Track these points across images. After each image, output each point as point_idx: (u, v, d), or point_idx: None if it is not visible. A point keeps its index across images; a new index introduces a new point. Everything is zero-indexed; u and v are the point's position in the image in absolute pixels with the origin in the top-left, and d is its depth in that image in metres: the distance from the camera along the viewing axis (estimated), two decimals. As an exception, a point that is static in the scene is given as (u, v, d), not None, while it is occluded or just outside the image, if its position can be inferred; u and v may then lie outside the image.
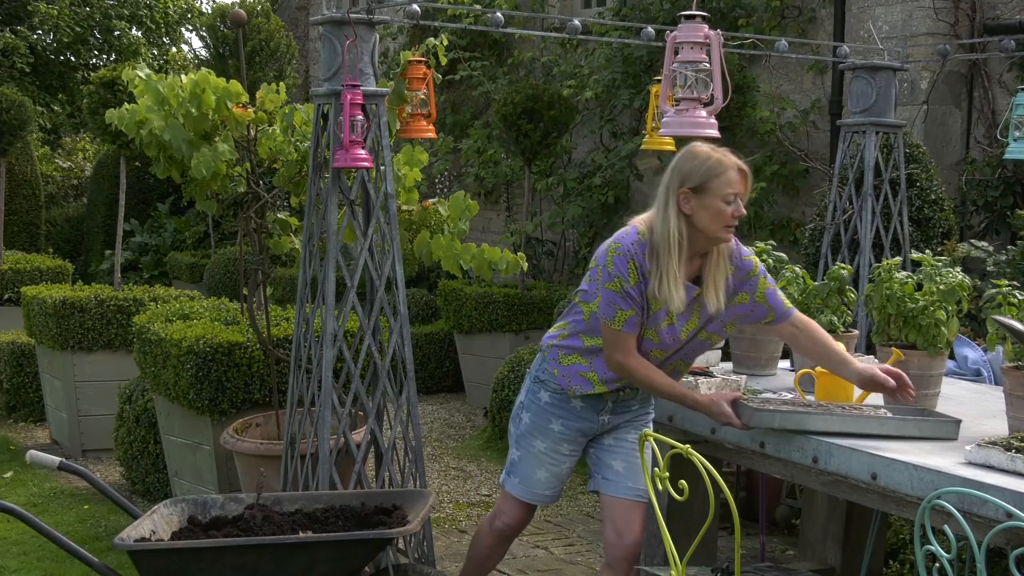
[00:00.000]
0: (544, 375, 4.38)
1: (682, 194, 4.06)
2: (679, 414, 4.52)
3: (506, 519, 4.57)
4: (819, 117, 9.14)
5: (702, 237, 4.08)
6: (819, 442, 3.90)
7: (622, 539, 4.33)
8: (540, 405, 4.40)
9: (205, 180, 5.63)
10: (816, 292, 4.86)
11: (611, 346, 4.15)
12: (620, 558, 4.34)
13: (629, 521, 4.34)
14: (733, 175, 4.04)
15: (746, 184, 4.08)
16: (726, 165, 4.05)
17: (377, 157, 4.94)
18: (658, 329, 4.15)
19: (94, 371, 8.25)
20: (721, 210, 4.03)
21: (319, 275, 4.97)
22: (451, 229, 5.86)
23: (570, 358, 4.28)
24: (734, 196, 4.04)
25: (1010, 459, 3.45)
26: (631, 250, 4.08)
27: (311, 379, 5.02)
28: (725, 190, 4.02)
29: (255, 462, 5.58)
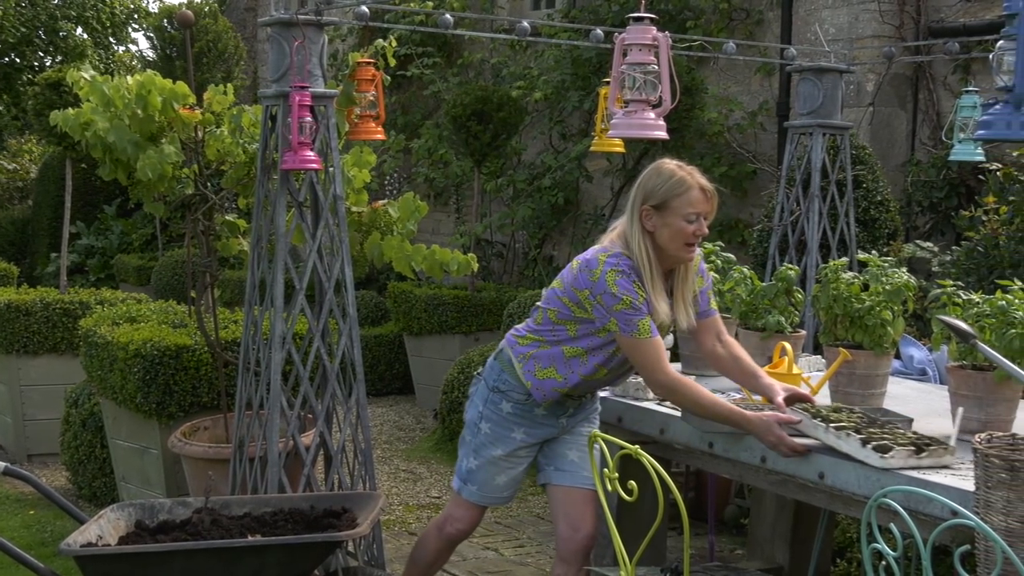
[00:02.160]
0: (504, 385, 4.33)
1: (644, 211, 4.08)
2: (628, 414, 4.54)
3: (460, 525, 4.54)
4: (767, 119, 9.20)
5: (664, 254, 4.10)
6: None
7: (577, 532, 4.33)
8: (501, 415, 4.36)
9: (152, 182, 5.59)
10: (764, 293, 4.88)
11: (649, 365, 4.05)
12: (575, 551, 4.34)
13: (583, 513, 4.34)
14: (696, 194, 4.05)
15: (710, 204, 4.09)
16: (689, 184, 4.06)
17: (326, 159, 4.93)
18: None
19: (40, 375, 8.17)
20: (682, 228, 4.04)
21: (267, 277, 4.95)
22: (400, 230, 5.85)
23: (545, 371, 4.23)
24: (695, 215, 4.05)
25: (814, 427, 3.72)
26: (627, 270, 4.04)
27: (260, 382, 5.00)
28: (686, 209, 4.03)
29: (203, 466, 5.55)
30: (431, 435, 8.94)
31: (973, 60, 7.74)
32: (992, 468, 2.99)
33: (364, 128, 5.35)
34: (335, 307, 5.00)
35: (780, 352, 4.43)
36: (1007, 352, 3.78)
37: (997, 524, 2.97)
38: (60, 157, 12.39)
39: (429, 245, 6.02)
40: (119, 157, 5.58)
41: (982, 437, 3.15)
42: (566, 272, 4.23)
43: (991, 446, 3.11)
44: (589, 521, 4.34)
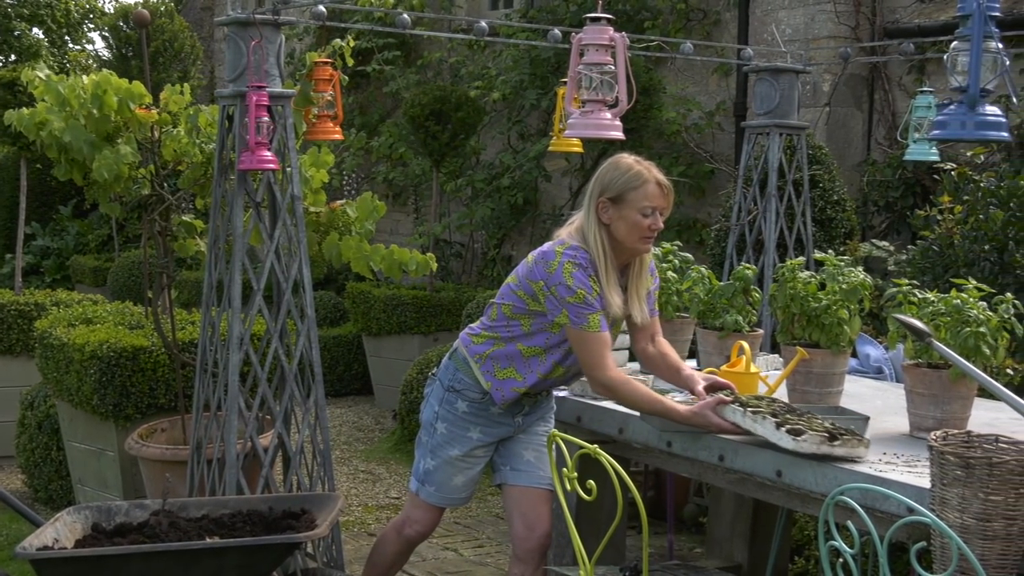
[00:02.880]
0: (460, 384, 4.34)
1: (600, 203, 4.11)
2: (587, 414, 4.55)
3: (419, 527, 4.54)
4: (724, 119, 9.24)
5: (620, 247, 4.13)
6: (725, 440, 3.94)
7: (533, 531, 4.34)
8: (457, 415, 4.36)
9: (108, 182, 5.55)
10: (721, 292, 4.90)
11: (592, 360, 4.10)
12: (531, 550, 4.35)
13: (539, 512, 4.35)
14: (652, 188, 4.08)
15: (666, 198, 4.12)
16: (645, 178, 4.09)
17: (283, 159, 4.91)
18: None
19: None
20: (637, 222, 4.08)
21: (225, 278, 4.92)
22: (359, 230, 5.84)
23: (505, 371, 4.25)
24: (651, 209, 4.08)
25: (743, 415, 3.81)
26: (584, 263, 4.07)
27: (217, 383, 4.97)
28: (642, 202, 4.07)
29: (161, 468, 5.52)
30: (390, 436, 8.93)
31: (928, 61, 7.80)
32: (947, 465, 3.02)
33: (322, 128, 5.33)
34: (293, 308, 4.98)
35: (738, 351, 4.45)
36: (962, 350, 3.82)
37: (953, 521, 2.99)
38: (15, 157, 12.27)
39: (388, 245, 6.01)
40: (75, 157, 5.54)
41: (938, 434, 3.17)
42: (521, 266, 4.25)
43: (946, 443, 3.14)
44: (545, 520, 4.35)
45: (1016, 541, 2.99)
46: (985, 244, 5.73)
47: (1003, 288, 5.23)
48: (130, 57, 13.73)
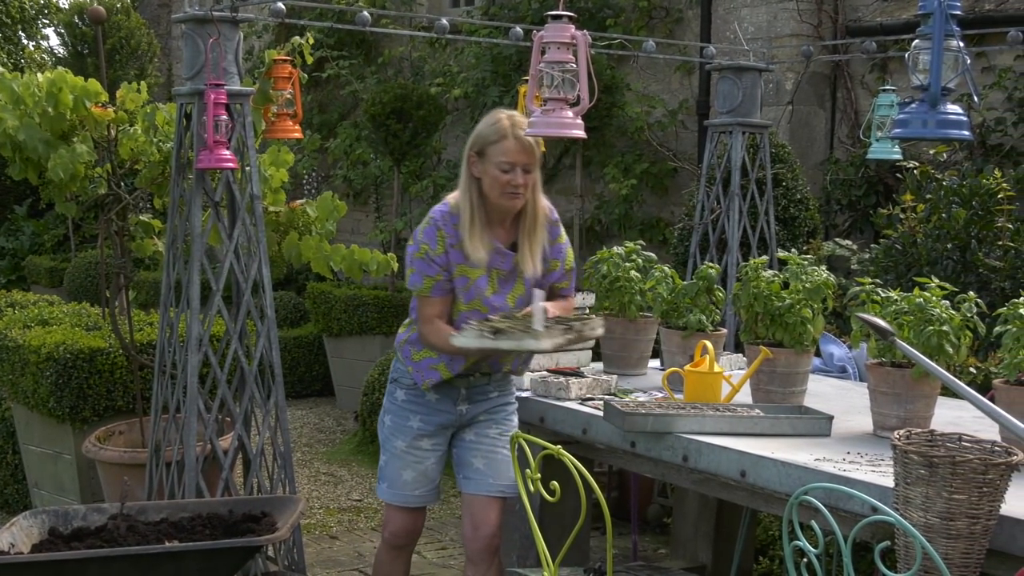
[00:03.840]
0: (397, 373, 4.42)
1: (471, 156, 4.21)
2: (550, 414, 4.55)
3: (391, 527, 4.53)
4: (687, 117, 9.27)
5: (489, 202, 4.19)
6: (689, 440, 3.95)
7: (478, 531, 4.36)
8: (398, 404, 4.41)
9: (63, 182, 5.52)
10: (685, 291, 4.92)
11: (419, 317, 4.28)
12: (479, 551, 4.36)
13: (485, 514, 4.37)
14: (509, 144, 4.13)
15: (527, 156, 4.15)
16: (504, 133, 4.15)
17: (242, 158, 4.89)
18: (483, 298, 4.23)
19: (-52, 380, 8.03)
20: (497, 177, 4.14)
21: (183, 278, 4.90)
22: (319, 230, 5.82)
23: (421, 353, 4.31)
24: (510, 165, 4.13)
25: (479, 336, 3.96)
26: (439, 221, 4.22)
27: (176, 385, 4.95)
28: (500, 158, 4.13)
29: (119, 471, 5.49)
30: (352, 437, 8.91)
31: (890, 59, 7.85)
32: (911, 464, 3.04)
33: (281, 127, 5.31)
34: (253, 308, 4.97)
35: (701, 351, 4.46)
36: (925, 349, 3.84)
37: (916, 520, 3.02)
38: (-32, 156, 12.20)
39: (348, 245, 5.99)
40: (29, 156, 5.50)
41: (901, 433, 3.19)
42: None
43: (910, 442, 3.16)
44: (491, 520, 4.37)
45: (979, 540, 3.01)
46: (948, 243, 5.78)
47: (965, 287, 5.27)
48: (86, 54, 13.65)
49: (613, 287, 5.02)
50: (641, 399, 4.49)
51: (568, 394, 4.57)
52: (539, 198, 4.27)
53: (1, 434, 6.95)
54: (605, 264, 5.07)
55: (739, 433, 3.97)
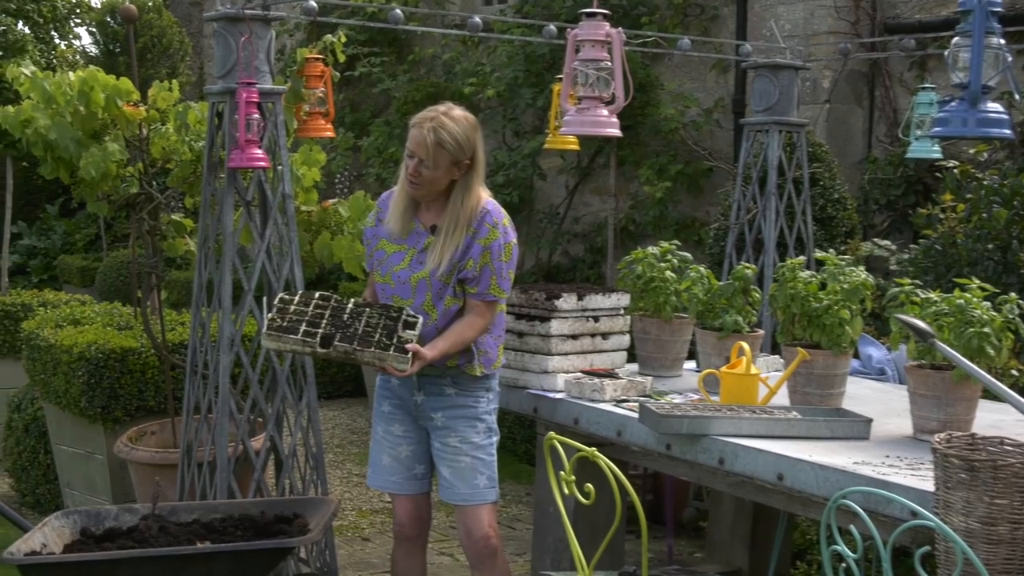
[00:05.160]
0: None
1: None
2: (585, 416, 4.54)
3: (395, 518, 4.64)
4: (723, 116, 9.23)
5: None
6: (725, 443, 3.94)
7: (471, 536, 4.44)
8: (377, 390, 4.60)
9: (95, 181, 5.55)
10: (721, 292, 4.90)
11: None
12: (476, 554, 4.45)
13: (473, 519, 4.43)
14: (414, 132, 4.26)
15: (421, 150, 4.22)
16: (418, 121, 4.27)
17: (274, 157, 4.90)
18: (392, 272, 4.37)
19: (-19, 379, 8.09)
20: (405, 163, 4.31)
21: (215, 278, 4.92)
22: (351, 230, 5.83)
23: None
24: (410, 153, 4.27)
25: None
26: (383, 196, 4.54)
27: (208, 385, 4.96)
28: (408, 143, 4.28)
29: (150, 471, 5.51)
30: (383, 438, 8.91)
31: (929, 57, 7.80)
32: (951, 468, 3.01)
33: (313, 125, 5.32)
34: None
35: (738, 352, 4.44)
36: (965, 351, 3.81)
37: (957, 525, 2.99)
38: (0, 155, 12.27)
39: (381, 245, 5.99)
40: (61, 155, 5.53)
41: (941, 437, 3.17)
42: None
43: (950, 446, 3.14)
44: (481, 524, 4.43)
45: (1021, 545, 2.99)
46: (988, 243, 5.73)
47: (1007, 288, 5.22)
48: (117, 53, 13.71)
49: (648, 287, 5.01)
50: (676, 401, 4.48)
51: (602, 396, 4.56)
52: (466, 196, 4.30)
53: (33, 434, 7.00)
54: (640, 264, 5.06)
55: (776, 436, 3.95)
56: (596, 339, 4.95)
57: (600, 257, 9.83)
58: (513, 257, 4.37)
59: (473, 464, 4.40)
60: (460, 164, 4.26)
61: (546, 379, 4.82)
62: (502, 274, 4.32)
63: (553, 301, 4.81)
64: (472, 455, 4.40)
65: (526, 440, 8.01)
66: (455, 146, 4.22)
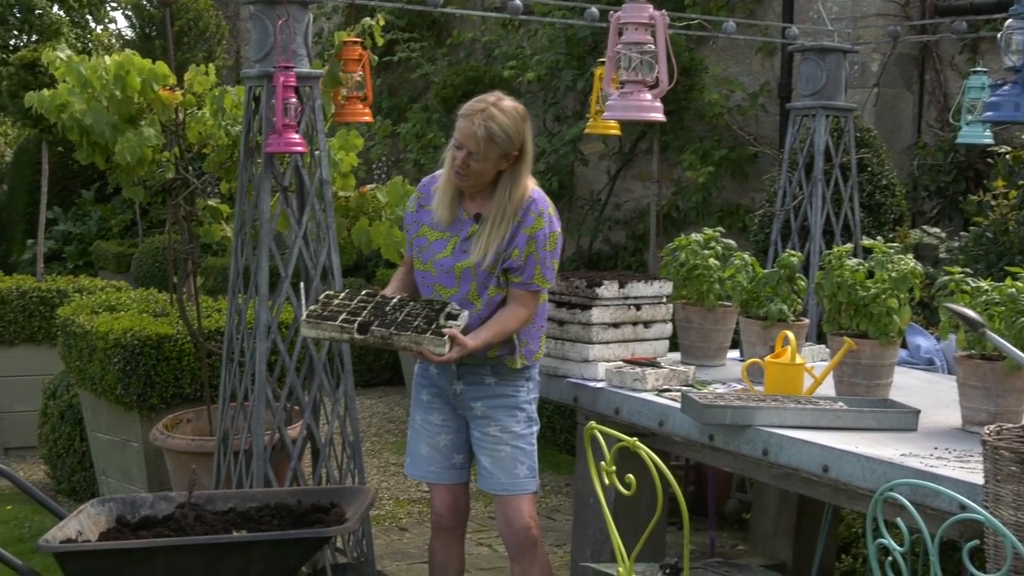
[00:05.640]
0: None
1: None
2: (626, 406, 4.54)
3: (433, 508, 4.65)
4: (768, 100, 9.19)
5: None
6: (769, 434, 3.93)
7: (511, 527, 4.45)
8: (415, 378, 4.61)
9: (131, 166, 5.58)
10: (766, 280, 4.89)
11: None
12: (516, 546, 4.45)
13: (514, 509, 4.44)
14: (462, 123, 4.26)
15: (471, 143, 4.21)
16: (468, 112, 4.26)
17: (311, 141, 4.91)
18: (434, 261, 4.38)
19: (16, 366, 8.16)
20: (451, 153, 4.30)
21: (251, 264, 4.94)
22: (389, 216, 5.84)
23: None
24: (458, 144, 4.26)
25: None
26: (424, 181, 4.54)
27: (244, 373, 4.99)
28: (456, 133, 4.28)
29: (186, 459, 5.55)
30: (421, 428, 8.93)
31: (981, 39, 7.74)
32: (1001, 461, 2.99)
33: (351, 110, 5.33)
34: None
35: (783, 341, 4.43)
36: (1017, 341, 3.78)
37: (1007, 518, 2.97)
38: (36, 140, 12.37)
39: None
40: (97, 140, 5.56)
41: (991, 429, 3.15)
42: None
43: (1000, 438, 3.11)
44: (521, 515, 4.44)
45: (1073, 540, 2.97)
46: (1041, 231, 5.69)
47: (1060, 276, 5.18)
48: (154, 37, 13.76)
49: (691, 275, 5.00)
50: (720, 391, 4.47)
51: (644, 385, 4.56)
52: (514, 187, 4.30)
53: (68, 421, 7.05)
54: (683, 251, 5.05)
55: (821, 427, 3.94)
56: (638, 327, 4.94)
57: (642, 244, 9.81)
58: (557, 247, 4.37)
59: (513, 453, 4.41)
60: (509, 156, 4.26)
61: (587, 368, 4.82)
62: (546, 264, 4.33)
63: (594, 289, 4.81)
64: (512, 444, 4.41)
65: (566, 430, 8.02)
66: (505, 139, 4.21)
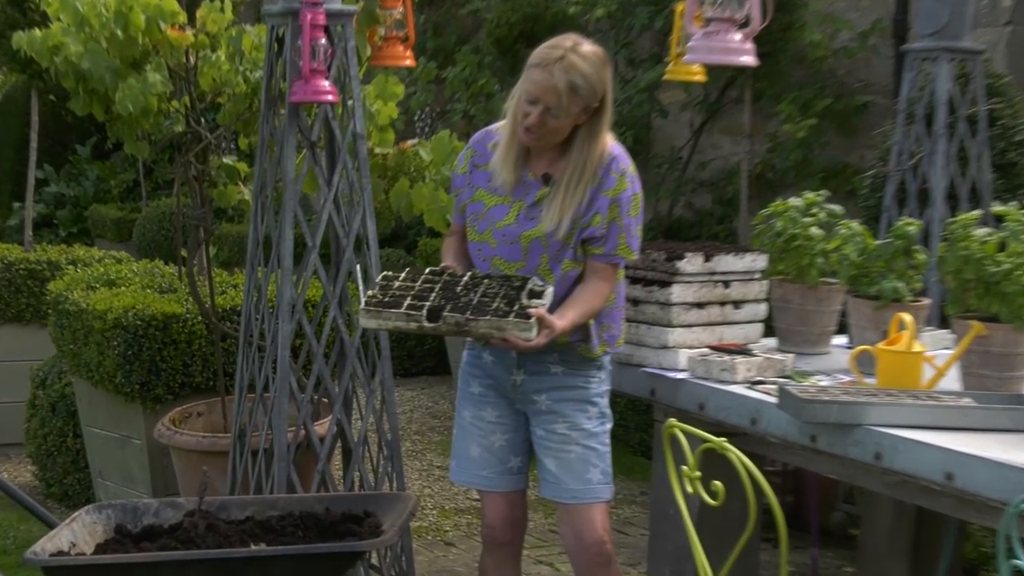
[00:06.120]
0: None
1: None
2: (712, 400, 4.53)
3: (484, 520, 4.65)
4: (881, 41, 9.10)
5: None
6: (882, 435, 3.90)
7: (581, 541, 4.42)
8: (463, 368, 4.60)
9: (134, 117, 5.59)
10: (878, 253, 4.85)
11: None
12: (587, 563, 4.43)
13: (585, 521, 4.41)
14: (537, 74, 4.18)
15: (550, 95, 4.14)
16: (543, 61, 4.20)
17: (343, 89, 4.92)
18: (494, 230, 4.34)
19: (1, 349, 8.22)
20: (518, 103, 4.24)
21: (273, 233, 4.95)
22: (434, 176, 5.84)
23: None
24: (531, 98, 4.18)
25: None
26: (476, 137, 4.53)
27: (264, 359, 5.01)
28: (526, 84, 4.21)
29: (197, 459, 5.58)
30: (470, 424, 8.96)
31: None
32: None
33: (390, 52, 5.33)
34: (355, 268, 5.00)
35: (898, 325, 4.40)
36: None
37: None
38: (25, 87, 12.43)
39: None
40: (95, 87, 5.58)
41: None
42: None
43: None
44: (594, 527, 4.41)
45: None
46: None
47: None
48: (160, -33, 13.82)
49: (789, 247, 4.97)
50: (823, 383, 4.45)
51: (734, 376, 4.55)
52: (592, 143, 4.26)
53: (61, 414, 7.11)
54: (780, 219, 5.02)
55: (945, 427, 3.91)
56: (726, 308, 4.92)
57: (731, 210, 9.77)
58: (641, 211, 4.36)
59: (585, 455, 4.39)
60: (589, 109, 4.23)
61: (666, 355, 4.81)
62: (631, 231, 4.31)
63: (675, 263, 4.79)
64: (583, 444, 4.39)
65: (641, 428, 8.01)
66: (588, 90, 4.18)
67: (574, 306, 4.22)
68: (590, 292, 4.28)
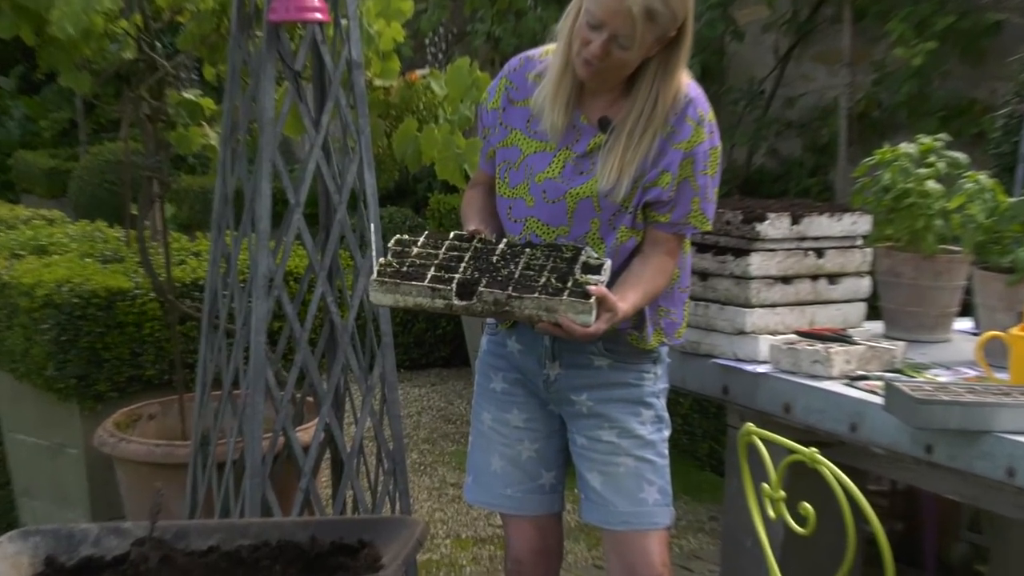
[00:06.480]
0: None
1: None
2: (801, 401, 4.52)
3: (510, 552, 4.63)
4: (1019, -58, 9.10)
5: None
6: (1016, 445, 3.90)
7: (634, 574, 4.37)
8: (482, 358, 4.57)
9: (72, 41, 5.61)
10: (1013, 214, 4.84)
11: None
12: None
13: (639, 551, 4.36)
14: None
15: (621, 20, 3.98)
16: None
17: (336, 6, 4.92)
18: (531, 183, 4.25)
19: (-98, 334, 8.29)
20: (579, 30, 4.07)
21: (246, 187, 4.96)
22: (449, 116, 5.85)
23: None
24: (596, 23, 4.01)
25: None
26: (513, 64, 4.40)
27: (235, 346, 5.02)
28: (591, 5, 4.01)
29: (148, 473, 5.61)
30: (494, 430, 8.99)
31: None
32: None
33: (394, -42, 5.34)
34: (349, 233, 5.00)
35: (1038, 306, 4.40)
36: None
37: None
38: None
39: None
40: (23, 2, 5.60)
41: None
42: None
43: None
44: (650, 559, 4.36)
45: None
46: None
47: None
48: None
49: (899, 206, 4.97)
50: (943, 379, 4.44)
51: (829, 370, 4.55)
52: (665, 83, 4.15)
53: (-24, 416, 7.16)
54: (888, 170, 5.01)
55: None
56: (819, 283, 4.93)
57: (827, 159, 9.77)
58: (719, 169, 4.26)
59: (638, 469, 4.35)
60: (664, 39, 4.13)
61: (742, 343, 4.82)
62: (707, 195, 4.22)
63: (754, 225, 4.79)
64: (636, 455, 4.35)
65: (710, 436, 8.02)
66: (668, 16, 4.05)
67: (635, 286, 4.13)
68: (652, 269, 4.20)
